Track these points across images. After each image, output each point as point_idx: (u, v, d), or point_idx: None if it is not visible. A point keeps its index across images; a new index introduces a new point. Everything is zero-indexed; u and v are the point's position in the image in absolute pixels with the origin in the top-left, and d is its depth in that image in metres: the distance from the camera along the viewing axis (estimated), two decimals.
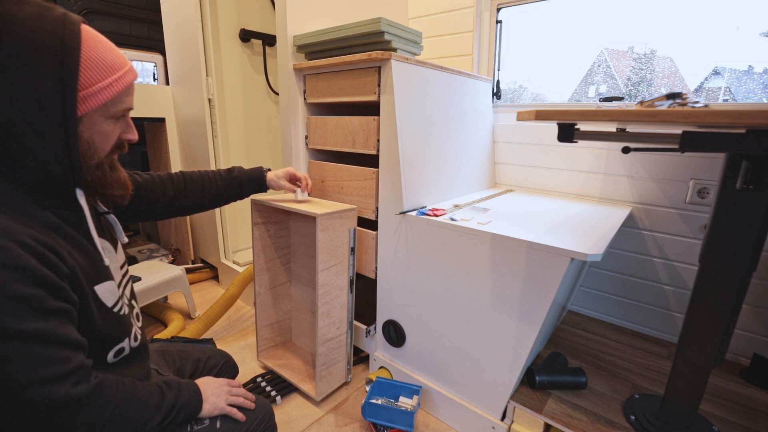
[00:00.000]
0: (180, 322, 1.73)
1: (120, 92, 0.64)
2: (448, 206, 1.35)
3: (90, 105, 0.62)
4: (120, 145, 0.71)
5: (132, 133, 0.71)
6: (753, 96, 1.43)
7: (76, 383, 0.57)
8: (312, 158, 1.59)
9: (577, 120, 0.82)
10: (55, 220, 0.63)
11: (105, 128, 0.66)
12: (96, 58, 0.62)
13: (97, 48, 0.62)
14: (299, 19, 1.45)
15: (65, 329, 0.58)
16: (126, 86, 0.65)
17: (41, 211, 0.62)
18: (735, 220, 0.85)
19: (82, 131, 0.63)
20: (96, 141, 0.65)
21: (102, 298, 0.69)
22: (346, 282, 1.35)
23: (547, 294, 0.98)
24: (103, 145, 0.67)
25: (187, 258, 2.41)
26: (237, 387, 0.87)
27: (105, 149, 0.67)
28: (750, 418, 1.09)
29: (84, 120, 0.63)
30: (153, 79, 2.97)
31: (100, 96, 0.62)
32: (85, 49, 0.61)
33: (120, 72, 0.64)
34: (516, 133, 1.75)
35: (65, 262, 0.60)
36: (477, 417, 1.20)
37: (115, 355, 0.73)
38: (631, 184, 1.49)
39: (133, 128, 0.72)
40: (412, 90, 1.27)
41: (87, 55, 0.61)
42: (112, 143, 0.68)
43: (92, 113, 0.63)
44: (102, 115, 0.64)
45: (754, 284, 1.31)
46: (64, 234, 0.64)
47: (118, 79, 0.64)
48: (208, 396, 0.80)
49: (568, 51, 1.83)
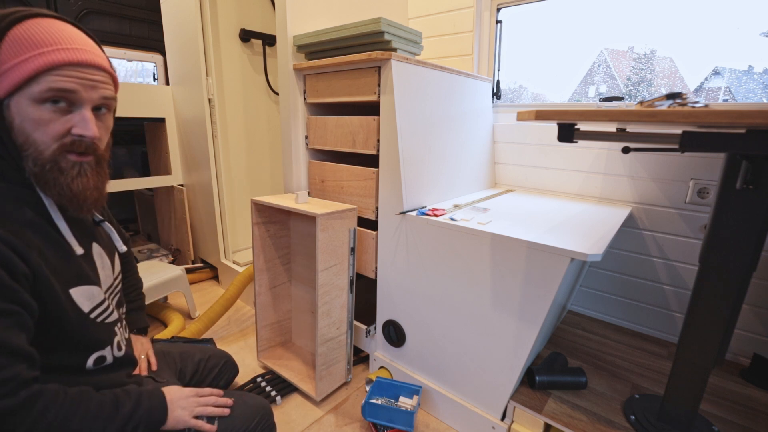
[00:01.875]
0: (180, 322, 1.73)
1: (37, 69, 0.56)
2: (448, 206, 1.35)
3: (6, 84, 0.56)
4: (73, 144, 0.61)
5: (84, 127, 0.61)
6: (753, 96, 1.43)
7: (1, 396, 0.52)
8: (312, 158, 1.59)
9: (577, 120, 0.82)
10: (32, 216, 0.60)
11: (33, 114, 0.58)
12: (21, 35, 0.57)
13: (31, 29, 0.57)
14: (299, 19, 1.45)
15: (5, 334, 0.54)
16: (48, 63, 0.57)
17: (19, 207, 0.60)
18: (735, 220, 0.85)
19: (12, 117, 0.58)
20: (27, 129, 0.58)
21: (77, 302, 0.66)
22: (346, 282, 1.35)
23: (547, 294, 0.98)
24: (38, 136, 0.59)
25: (187, 258, 2.41)
26: (208, 396, 0.82)
27: (43, 141, 0.59)
28: (750, 418, 1.09)
29: (10, 104, 0.58)
30: (153, 79, 2.98)
31: (14, 73, 0.56)
32: (17, 29, 0.57)
33: (45, 48, 0.57)
34: (516, 133, 1.75)
35: (27, 261, 0.57)
36: (477, 417, 1.20)
37: (95, 362, 0.70)
38: (631, 184, 1.49)
39: (90, 123, 0.62)
40: (412, 90, 1.27)
41: (13, 35, 0.56)
42: (52, 135, 0.60)
43: (16, 96, 0.57)
44: (27, 97, 0.57)
45: (754, 284, 1.31)
46: (40, 232, 0.61)
47: (38, 56, 0.56)
48: (174, 408, 0.74)
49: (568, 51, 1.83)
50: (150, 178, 2.31)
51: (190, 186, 2.35)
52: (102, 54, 0.65)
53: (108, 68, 0.65)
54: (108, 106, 0.67)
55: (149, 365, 0.95)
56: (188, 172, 2.34)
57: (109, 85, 0.65)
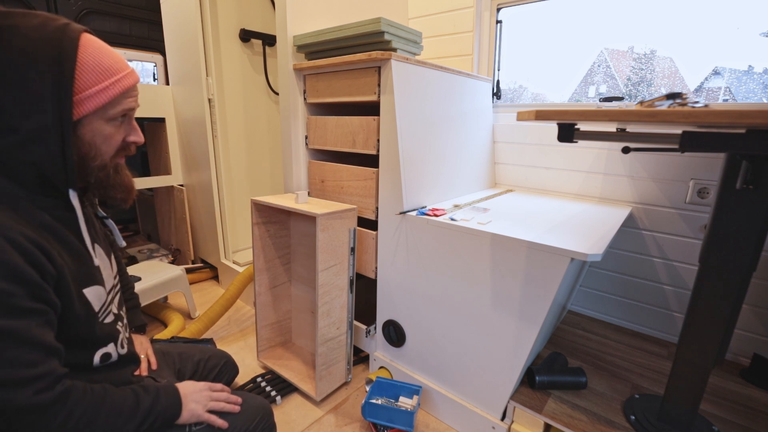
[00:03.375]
0: (180, 322, 1.73)
1: (117, 95, 0.65)
2: (448, 206, 1.35)
3: (87, 107, 0.63)
4: (125, 148, 0.72)
5: (136, 135, 0.73)
6: (753, 96, 1.43)
7: (39, 390, 0.56)
8: (312, 158, 1.59)
9: (577, 120, 0.82)
10: (50, 220, 0.64)
11: (106, 131, 0.67)
12: (92, 63, 0.63)
13: (95, 54, 0.64)
14: (299, 19, 1.45)
15: (39, 331, 0.57)
16: (123, 89, 0.66)
17: (37, 211, 0.62)
18: (735, 220, 0.85)
19: (84, 134, 0.64)
20: (98, 143, 0.66)
21: (91, 302, 0.69)
22: (346, 282, 1.35)
23: (547, 294, 0.98)
24: (105, 147, 0.68)
25: (187, 258, 2.41)
26: (219, 391, 0.85)
27: (108, 152, 0.69)
28: (750, 418, 1.09)
29: (84, 123, 0.64)
30: (153, 79, 2.97)
31: (97, 99, 0.63)
32: (83, 54, 0.62)
33: (117, 75, 0.66)
34: (516, 133, 1.75)
35: (53, 262, 0.60)
36: (477, 417, 1.20)
37: (101, 359, 0.72)
38: (631, 184, 1.49)
39: (138, 131, 0.73)
40: (412, 90, 1.27)
41: (83, 60, 0.62)
42: (115, 146, 0.69)
43: (92, 116, 0.64)
44: (101, 117, 0.65)
45: (754, 284, 1.31)
46: (57, 235, 0.64)
47: (115, 83, 0.65)
48: (188, 402, 0.77)
49: (568, 51, 1.83)
50: (150, 178, 2.31)
51: (190, 186, 2.35)
52: None
53: None
54: None
55: (149, 365, 0.95)
56: (188, 172, 2.34)
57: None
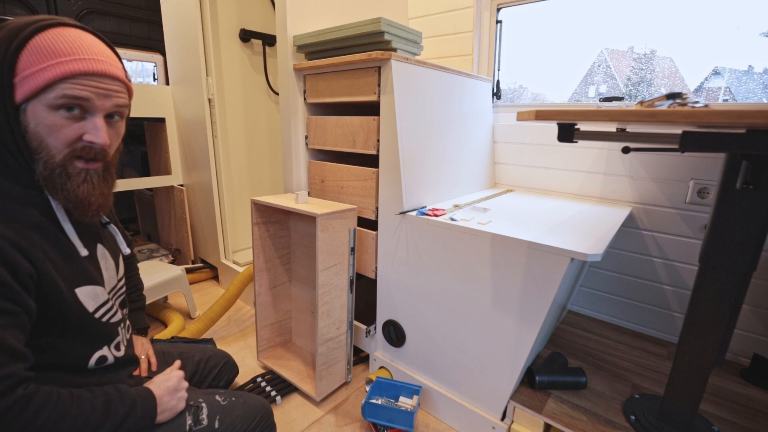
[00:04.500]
0: (180, 322, 1.73)
1: (54, 78, 0.58)
2: (448, 206, 1.35)
3: (23, 90, 0.59)
4: (83, 149, 0.63)
5: (94, 134, 0.63)
6: (753, 96, 1.43)
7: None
8: (312, 158, 1.59)
9: (577, 120, 0.82)
10: (39, 218, 0.62)
11: (48, 119, 0.60)
12: (42, 45, 0.59)
13: (52, 38, 0.59)
14: (299, 19, 1.45)
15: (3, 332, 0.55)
16: (65, 73, 0.59)
17: (29, 208, 0.61)
18: (735, 220, 0.85)
19: (27, 121, 0.60)
20: (41, 133, 0.60)
21: (83, 302, 0.67)
22: (346, 282, 1.35)
23: (547, 294, 0.98)
24: (51, 141, 0.61)
25: (187, 258, 2.41)
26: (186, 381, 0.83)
27: (56, 147, 0.61)
28: (750, 418, 1.09)
29: (27, 109, 0.60)
30: (153, 79, 2.98)
31: (32, 80, 0.58)
32: (38, 38, 0.59)
33: (63, 58, 0.59)
34: (516, 133, 1.75)
35: (33, 261, 0.58)
36: (477, 417, 1.20)
37: (97, 362, 0.71)
38: (631, 184, 1.49)
39: (101, 130, 0.64)
40: (412, 90, 1.27)
41: (34, 43, 0.58)
42: (63, 141, 0.62)
43: (33, 102, 0.59)
44: (42, 103, 0.59)
45: (754, 284, 1.31)
46: (45, 233, 0.62)
47: (56, 65, 0.59)
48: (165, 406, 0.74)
49: (568, 51, 1.83)
50: (150, 178, 2.31)
51: (190, 186, 2.35)
52: (118, 64, 0.67)
53: (123, 78, 0.67)
54: (120, 113, 0.69)
55: (149, 366, 0.95)
56: (188, 172, 2.34)
57: (122, 94, 0.67)
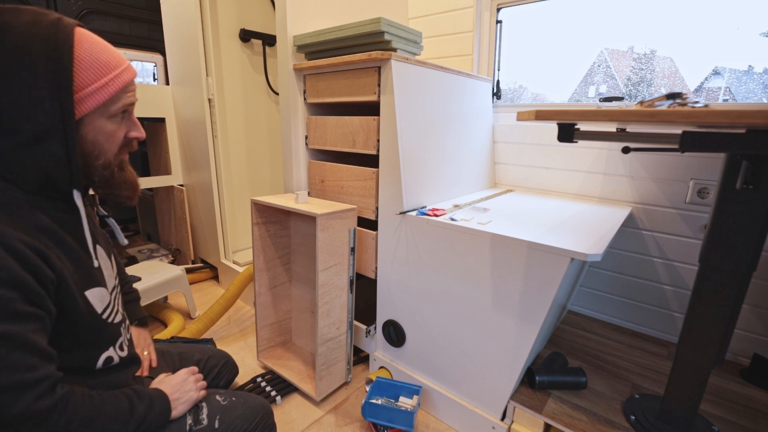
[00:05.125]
0: (180, 322, 1.73)
1: (117, 91, 0.64)
2: (448, 206, 1.35)
3: (88, 106, 0.62)
4: (127, 144, 0.71)
5: (138, 130, 0.72)
6: (753, 96, 1.43)
7: (39, 396, 0.55)
8: (312, 158, 1.59)
9: (577, 120, 0.82)
10: (49, 223, 0.62)
11: (108, 128, 0.66)
12: (90, 59, 0.62)
13: (91, 49, 0.62)
14: (299, 19, 1.45)
15: (36, 336, 0.56)
16: (123, 85, 0.65)
17: (36, 214, 0.61)
18: (735, 220, 0.85)
19: (86, 133, 0.63)
20: (101, 141, 0.66)
21: (93, 304, 0.68)
22: (346, 282, 1.35)
23: (547, 294, 0.98)
24: (108, 145, 0.67)
25: (187, 258, 2.41)
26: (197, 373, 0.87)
27: (111, 149, 0.68)
28: (750, 418, 1.09)
29: (86, 122, 0.63)
30: (153, 79, 2.98)
31: (97, 96, 0.62)
32: (79, 50, 0.61)
33: (116, 71, 0.64)
34: (516, 133, 1.75)
35: (52, 266, 0.59)
36: (477, 417, 1.20)
37: (104, 363, 0.72)
38: (631, 184, 1.49)
39: (139, 126, 0.72)
40: (412, 90, 1.27)
41: (80, 57, 0.61)
42: (117, 143, 0.68)
43: (93, 114, 0.63)
44: (103, 115, 0.64)
45: (754, 284, 1.31)
46: (56, 238, 0.63)
47: (114, 79, 0.64)
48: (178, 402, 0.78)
49: (568, 51, 1.83)
50: (150, 178, 2.31)
51: (190, 186, 2.35)
52: None
53: None
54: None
55: (150, 365, 0.95)
56: (188, 172, 2.34)
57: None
